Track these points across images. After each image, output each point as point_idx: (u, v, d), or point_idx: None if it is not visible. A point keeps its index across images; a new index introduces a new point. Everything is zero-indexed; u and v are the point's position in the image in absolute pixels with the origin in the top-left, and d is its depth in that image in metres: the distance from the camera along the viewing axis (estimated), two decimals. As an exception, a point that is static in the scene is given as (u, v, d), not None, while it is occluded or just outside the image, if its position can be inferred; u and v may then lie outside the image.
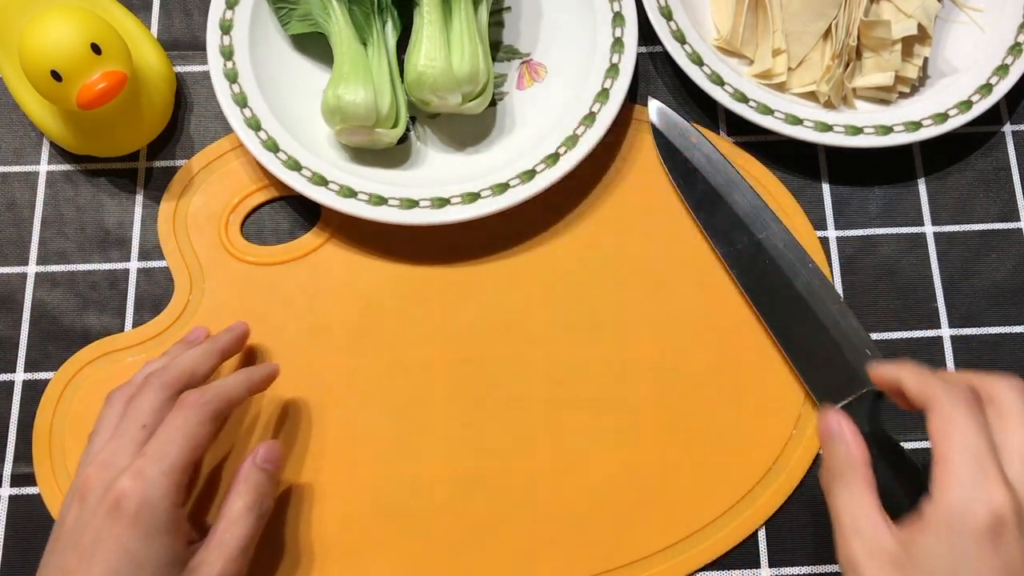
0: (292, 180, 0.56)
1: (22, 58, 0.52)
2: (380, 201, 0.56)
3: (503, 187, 0.57)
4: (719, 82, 0.59)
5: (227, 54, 0.59)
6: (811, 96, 0.61)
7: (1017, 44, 0.61)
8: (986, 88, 0.60)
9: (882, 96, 0.61)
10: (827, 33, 0.61)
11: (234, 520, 0.44)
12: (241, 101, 0.58)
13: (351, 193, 0.56)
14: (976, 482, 0.37)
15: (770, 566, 0.54)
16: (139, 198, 0.60)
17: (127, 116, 0.57)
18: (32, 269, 0.59)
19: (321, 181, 0.57)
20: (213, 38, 0.59)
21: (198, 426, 0.44)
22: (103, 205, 0.60)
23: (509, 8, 0.64)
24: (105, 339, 0.57)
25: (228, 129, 0.61)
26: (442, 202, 0.56)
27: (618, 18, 0.61)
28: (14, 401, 0.56)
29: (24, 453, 0.55)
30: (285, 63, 0.61)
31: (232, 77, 0.59)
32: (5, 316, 0.58)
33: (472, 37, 0.56)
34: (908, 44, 0.61)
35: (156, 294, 0.58)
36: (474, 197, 0.57)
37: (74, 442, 0.55)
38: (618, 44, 0.60)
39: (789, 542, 0.54)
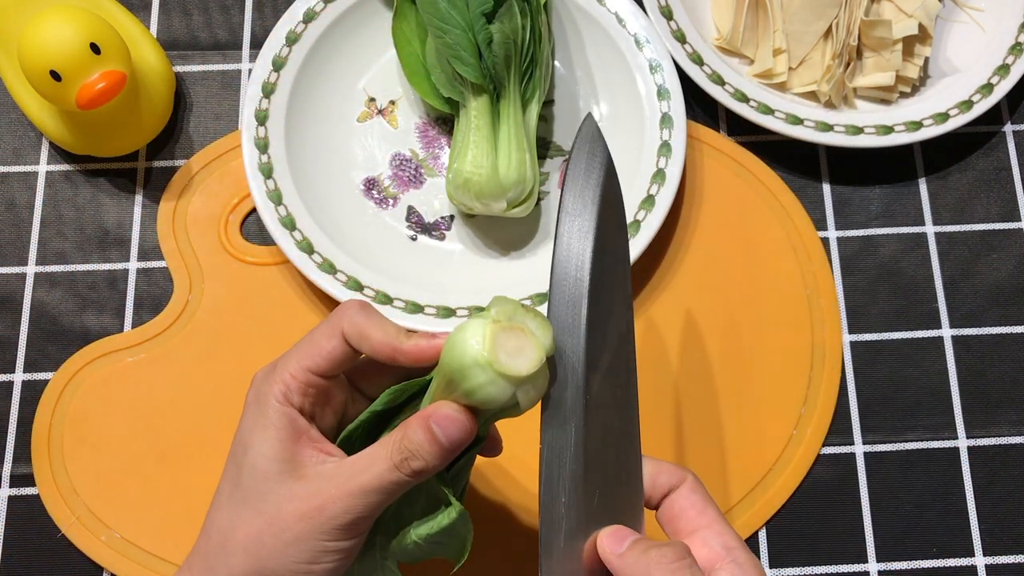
0: (327, 284, 0.55)
1: (22, 58, 0.52)
2: (416, 309, 0.55)
3: (543, 297, 0.55)
4: (719, 82, 0.59)
5: (267, 172, 0.57)
6: (812, 96, 0.61)
7: (1018, 44, 0.61)
8: (987, 88, 0.60)
9: (883, 96, 0.61)
10: (828, 33, 0.60)
11: (374, 460, 0.38)
12: (290, 224, 0.56)
13: (387, 300, 0.55)
14: None
15: (771, 567, 0.54)
16: (138, 198, 0.60)
17: (126, 116, 0.57)
18: (31, 269, 0.59)
19: (356, 286, 0.55)
20: (251, 158, 0.57)
21: (323, 337, 0.40)
22: (102, 205, 0.60)
23: (553, 101, 0.61)
24: (104, 339, 0.57)
25: (227, 129, 0.61)
26: (479, 311, 0.54)
27: (666, 119, 0.58)
28: (13, 401, 0.56)
29: (23, 453, 0.55)
30: (320, 158, 0.59)
31: (277, 200, 0.57)
32: (4, 316, 0.58)
33: (520, 143, 0.54)
34: (909, 44, 0.61)
35: (155, 294, 0.58)
36: None
37: (73, 442, 0.55)
38: (665, 147, 0.58)
39: (790, 543, 0.54)
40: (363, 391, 0.42)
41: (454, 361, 0.35)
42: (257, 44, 0.62)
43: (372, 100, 0.61)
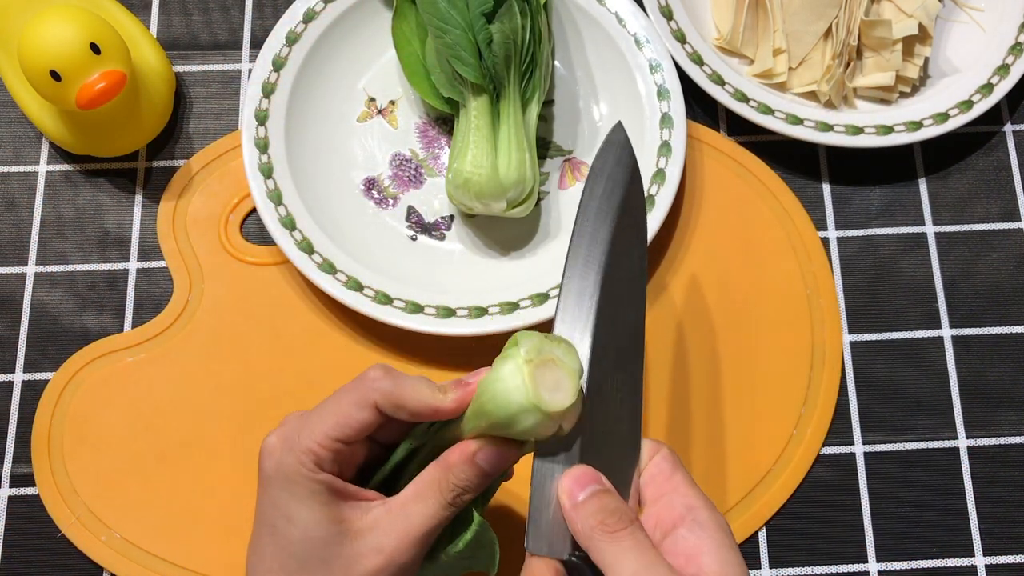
0: (327, 284, 0.55)
1: (22, 58, 0.52)
2: (416, 309, 0.55)
3: (543, 297, 0.55)
4: (719, 82, 0.59)
5: (267, 172, 0.57)
6: (812, 96, 0.61)
7: (1018, 44, 0.61)
8: (987, 88, 0.60)
9: (883, 96, 0.61)
10: (828, 33, 0.60)
11: (422, 500, 0.39)
12: (290, 224, 0.56)
13: (387, 300, 0.55)
14: None
15: (771, 567, 0.54)
16: (138, 198, 0.60)
17: (126, 116, 0.57)
18: (31, 269, 0.59)
19: (356, 286, 0.55)
20: (251, 158, 0.57)
21: (353, 407, 0.40)
22: (102, 205, 0.60)
23: (553, 101, 0.61)
24: (104, 339, 0.57)
25: (227, 129, 0.61)
26: (480, 311, 0.55)
27: (666, 119, 0.58)
28: (13, 401, 0.56)
29: (23, 453, 0.55)
30: (320, 158, 0.59)
31: (277, 200, 0.57)
32: (4, 316, 0.58)
33: (520, 143, 0.54)
34: (909, 44, 0.61)
35: (155, 294, 0.58)
36: (513, 307, 0.55)
37: (73, 442, 0.55)
38: (665, 147, 0.58)
39: (790, 543, 0.54)
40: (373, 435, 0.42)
41: (500, 410, 0.36)
42: (257, 44, 0.62)
43: (372, 100, 0.61)
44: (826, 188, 0.61)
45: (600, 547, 0.36)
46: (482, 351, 0.56)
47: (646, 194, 0.56)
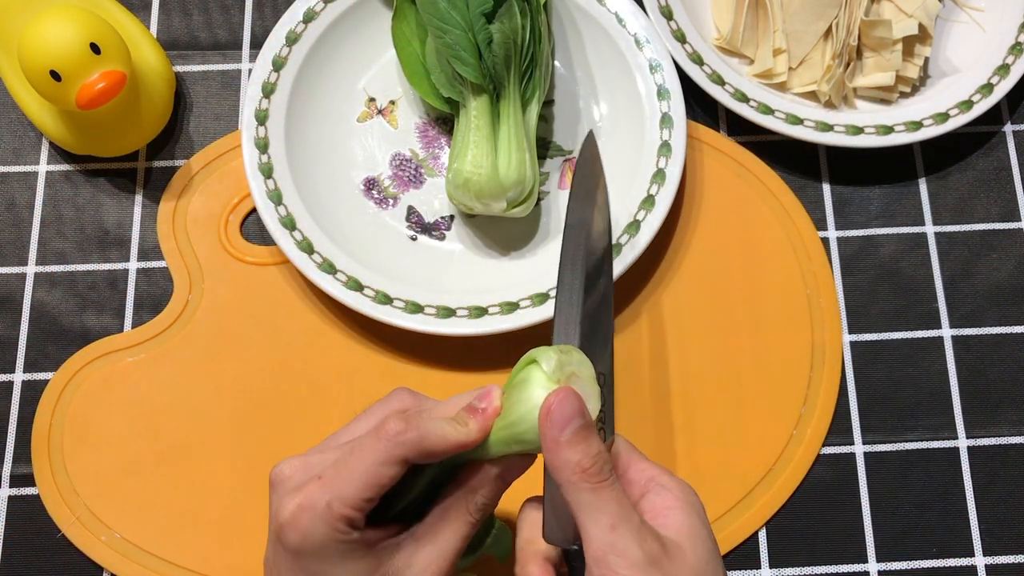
0: (328, 285, 0.55)
1: (22, 58, 0.52)
2: (416, 309, 0.55)
3: (543, 297, 0.55)
4: (719, 82, 0.59)
5: (267, 172, 0.57)
6: (812, 96, 0.61)
7: (1018, 44, 0.61)
8: (987, 88, 0.60)
9: (883, 96, 0.61)
10: (828, 33, 0.60)
11: (449, 523, 0.40)
12: (290, 224, 0.56)
13: (387, 300, 0.55)
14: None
15: (771, 567, 0.54)
16: (138, 198, 0.60)
17: (126, 116, 0.57)
18: (31, 269, 0.59)
19: (356, 286, 0.55)
20: (251, 158, 0.57)
21: (381, 466, 0.38)
22: (102, 205, 0.60)
23: (553, 101, 0.61)
24: (104, 339, 0.57)
25: (227, 129, 0.61)
26: (480, 311, 0.55)
27: (666, 119, 0.58)
28: (13, 401, 0.56)
29: (23, 453, 0.55)
30: (320, 158, 0.59)
31: (277, 200, 0.57)
32: (4, 316, 0.58)
33: (520, 143, 0.54)
34: (909, 44, 0.61)
35: (155, 294, 0.58)
36: (513, 307, 0.55)
37: (73, 442, 0.55)
38: (665, 147, 0.58)
39: (790, 543, 0.54)
40: None
41: (538, 436, 0.37)
42: (257, 44, 0.62)
43: (372, 100, 0.61)
44: (826, 188, 0.61)
45: (579, 496, 0.37)
46: (482, 351, 0.56)
47: (646, 194, 0.56)
